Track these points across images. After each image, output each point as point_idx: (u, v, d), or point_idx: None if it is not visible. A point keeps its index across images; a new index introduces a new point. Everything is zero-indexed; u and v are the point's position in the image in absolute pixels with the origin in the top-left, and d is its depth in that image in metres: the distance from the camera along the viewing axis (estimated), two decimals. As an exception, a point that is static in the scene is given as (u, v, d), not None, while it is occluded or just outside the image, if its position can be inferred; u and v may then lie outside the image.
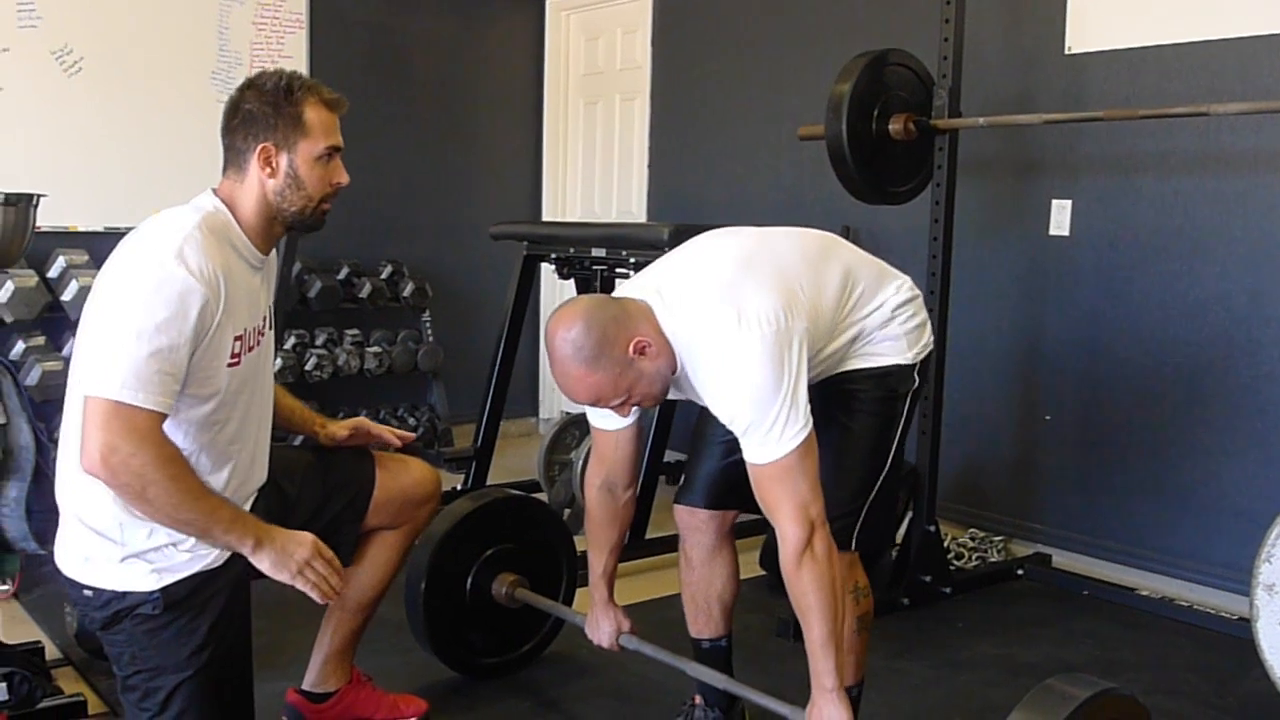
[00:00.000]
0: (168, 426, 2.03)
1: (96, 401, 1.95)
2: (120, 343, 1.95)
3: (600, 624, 2.66)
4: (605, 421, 2.43)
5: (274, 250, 2.34)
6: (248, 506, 2.30)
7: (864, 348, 2.38)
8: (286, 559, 2.11)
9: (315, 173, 2.19)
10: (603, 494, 2.52)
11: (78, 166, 4.75)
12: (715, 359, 2.12)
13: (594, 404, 2.19)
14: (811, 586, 2.12)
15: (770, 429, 2.08)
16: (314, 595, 2.15)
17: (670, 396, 2.32)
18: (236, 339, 2.13)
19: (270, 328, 2.34)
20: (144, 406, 1.95)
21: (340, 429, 2.62)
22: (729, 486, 2.53)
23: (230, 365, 2.12)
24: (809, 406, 2.12)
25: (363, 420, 2.66)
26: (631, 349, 2.11)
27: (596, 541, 2.59)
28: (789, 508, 2.11)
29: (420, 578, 2.90)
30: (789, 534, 2.12)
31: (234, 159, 2.18)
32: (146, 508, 2.00)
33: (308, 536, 2.15)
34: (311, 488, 2.48)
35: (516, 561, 3.04)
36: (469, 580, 2.98)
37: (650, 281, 2.27)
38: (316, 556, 2.14)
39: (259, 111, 2.15)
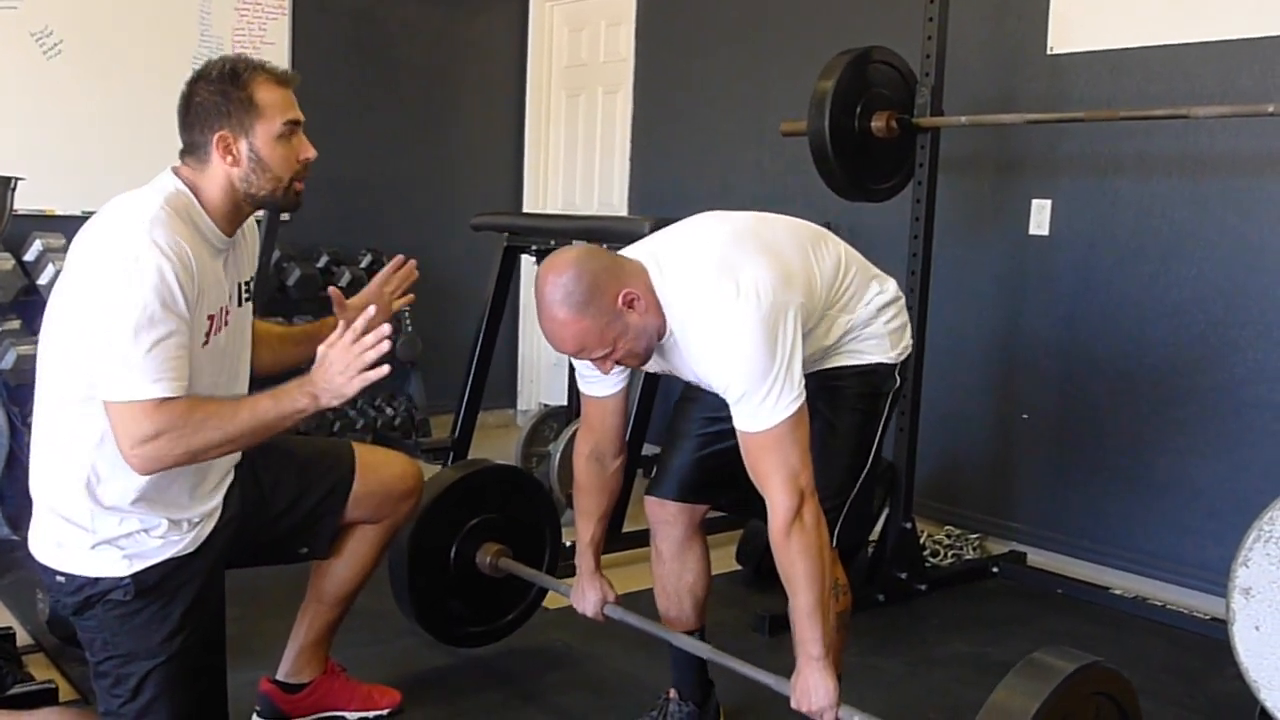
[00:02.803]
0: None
1: (119, 408, 1.96)
2: (123, 345, 1.94)
3: (586, 593, 2.66)
4: (594, 388, 2.43)
5: (243, 230, 2.28)
6: (225, 484, 2.29)
7: (850, 344, 2.39)
8: (333, 379, 2.07)
9: (278, 152, 2.15)
10: (591, 463, 2.52)
11: (56, 150, 4.71)
12: (711, 328, 2.12)
13: (578, 353, 2.17)
14: (800, 555, 2.12)
15: (765, 398, 2.09)
16: (377, 374, 2.08)
17: (652, 368, 2.32)
18: (210, 317, 2.11)
19: (241, 305, 2.30)
20: (165, 396, 1.96)
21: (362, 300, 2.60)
22: (701, 481, 2.53)
23: (202, 346, 2.10)
24: (803, 379, 2.13)
25: (373, 284, 2.65)
26: (621, 300, 2.11)
27: (584, 510, 2.59)
28: (780, 477, 2.11)
29: (404, 546, 2.88)
30: (779, 503, 2.12)
31: (194, 151, 2.15)
32: (208, 456, 2.05)
33: (325, 350, 2.10)
34: (289, 477, 2.46)
35: (501, 532, 3.03)
36: (453, 549, 2.96)
37: (646, 248, 2.27)
38: (348, 351, 2.08)
39: (209, 101, 2.11)
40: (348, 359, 2.07)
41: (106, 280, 1.98)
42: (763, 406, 2.10)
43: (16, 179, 3.53)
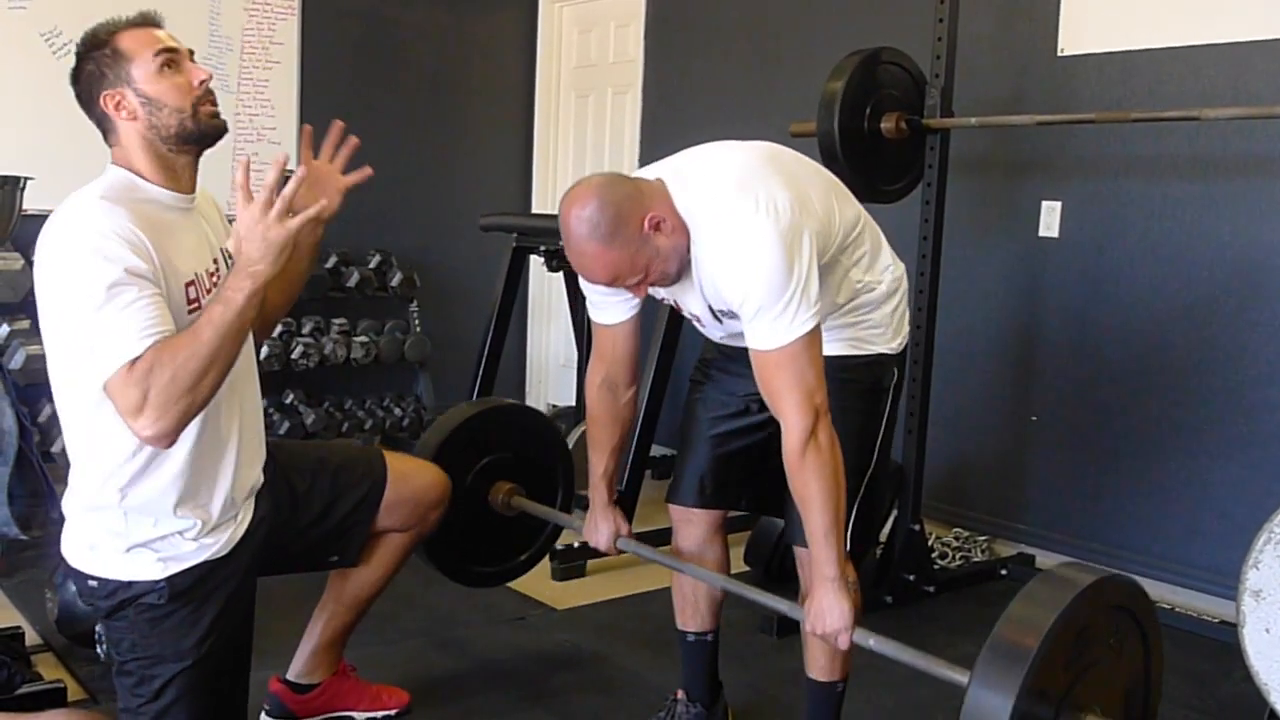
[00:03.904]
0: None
1: (109, 384, 1.90)
2: (86, 333, 1.90)
3: (599, 527, 2.65)
4: (604, 315, 2.43)
5: (202, 193, 2.23)
6: (256, 485, 2.27)
7: (858, 323, 2.39)
8: (254, 244, 1.95)
9: (164, 85, 2.07)
10: (603, 393, 2.51)
11: (65, 150, 4.68)
12: (730, 239, 2.11)
13: (612, 283, 2.16)
14: (814, 475, 2.11)
15: (782, 312, 2.08)
16: (315, 210, 2.03)
17: (660, 293, 2.31)
18: (189, 284, 2.06)
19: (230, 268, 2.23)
20: (132, 356, 1.88)
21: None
22: (718, 484, 2.53)
23: (191, 311, 2.04)
24: (819, 302, 2.12)
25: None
26: (647, 224, 2.10)
27: (597, 442, 2.57)
28: (795, 396, 2.10)
29: None
30: (793, 423, 2.11)
31: (103, 127, 2.12)
32: (205, 387, 1.92)
33: (242, 214, 1.98)
34: (321, 485, 2.45)
35: (513, 471, 3.00)
36: (465, 487, 2.93)
37: (667, 165, 2.27)
38: (253, 209, 1.97)
39: (86, 73, 2.09)
40: (254, 214, 1.96)
41: (64, 277, 1.94)
42: (779, 322, 2.08)
43: (26, 179, 3.54)
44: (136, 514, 2.06)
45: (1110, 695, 1.87)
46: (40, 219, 1.92)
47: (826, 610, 2.16)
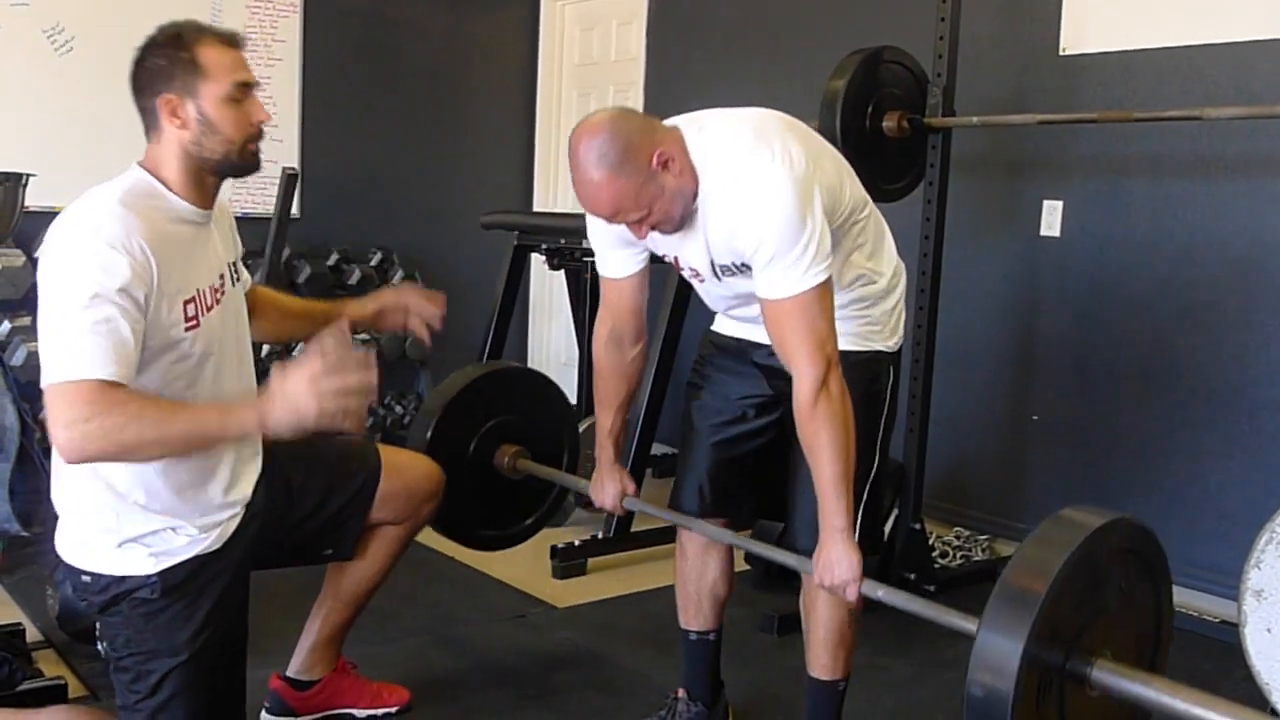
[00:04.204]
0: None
1: (50, 389, 1.86)
2: (58, 327, 1.87)
3: (605, 485, 2.63)
4: (611, 269, 2.44)
5: (220, 207, 2.24)
6: (251, 480, 2.28)
7: (858, 323, 2.37)
8: (297, 400, 1.88)
9: (227, 114, 2.07)
10: (610, 346, 2.51)
11: (67, 146, 4.71)
12: (747, 184, 2.11)
13: (613, 215, 2.14)
14: (825, 423, 2.11)
15: (797, 260, 2.08)
16: (352, 424, 1.91)
17: (665, 248, 2.31)
18: (188, 302, 2.04)
19: (234, 284, 2.25)
20: (91, 378, 1.84)
21: (368, 306, 2.57)
22: (719, 492, 2.51)
23: (189, 329, 2.04)
24: (831, 255, 2.13)
25: (399, 293, 2.57)
26: (656, 160, 2.09)
27: (603, 398, 2.56)
28: (807, 346, 2.10)
29: (422, 446, 2.84)
30: (805, 372, 2.11)
31: (147, 120, 2.10)
32: (140, 455, 1.90)
33: (295, 369, 1.90)
34: (317, 479, 2.45)
35: (518, 433, 3.00)
36: (470, 449, 2.92)
37: (686, 115, 2.26)
38: (323, 378, 1.88)
39: (154, 66, 2.07)
40: (306, 388, 1.88)
41: (57, 273, 1.92)
42: (793, 270, 2.08)
43: (28, 175, 3.54)
44: (128, 510, 2.06)
45: (1122, 640, 1.84)
46: (41, 215, 1.91)
47: (835, 561, 2.15)
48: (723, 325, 2.56)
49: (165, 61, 2.06)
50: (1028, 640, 1.65)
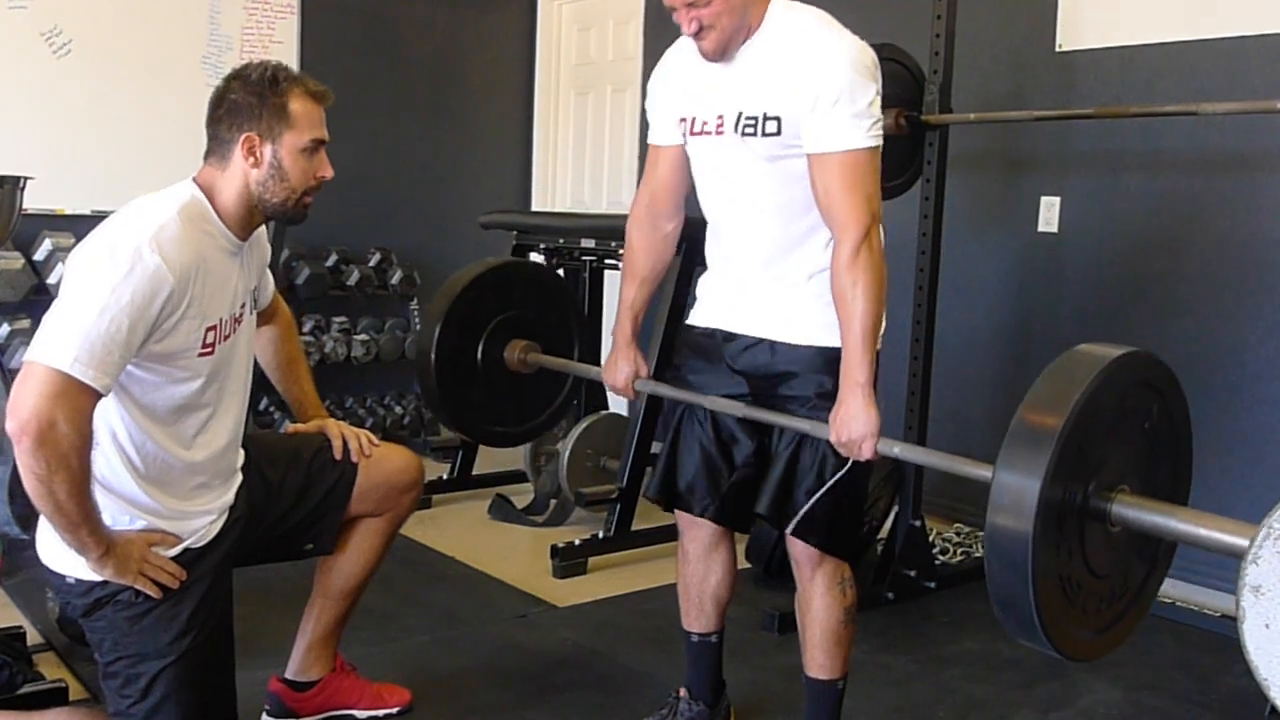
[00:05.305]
0: (139, 413, 2.05)
1: (45, 370, 1.87)
2: (81, 316, 1.90)
3: (619, 365, 2.62)
4: (661, 134, 2.45)
5: (258, 234, 2.32)
6: (234, 485, 2.31)
7: (817, 294, 2.30)
8: (126, 561, 2.05)
9: (299, 165, 2.18)
10: (644, 220, 2.52)
11: (66, 149, 4.72)
12: (824, 34, 2.19)
13: None
14: (864, 274, 2.15)
15: (861, 113, 2.14)
16: (152, 590, 2.08)
17: (692, 98, 2.31)
18: (210, 329, 2.11)
19: (252, 312, 2.34)
20: (92, 385, 1.89)
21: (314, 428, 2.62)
22: (720, 509, 2.48)
23: (203, 355, 2.11)
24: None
25: (329, 425, 2.59)
26: None
27: (631, 269, 2.55)
28: (855, 197, 2.15)
29: (431, 343, 2.82)
30: (851, 224, 2.15)
31: (218, 148, 2.17)
32: (42, 489, 1.91)
33: (137, 536, 2.09)
34: (294, 474, 2.47)
35: (528, 329, 2.98)
36: (480, 345, 2.90)
37: None
38: (149, 553, 2.09)
39: (244, 101, 2.14)
40: (140, 554, 2.07)
41: (102, 267, 1.94)
42: (855, 123, 2.14)
43: (26, 178, 3.53)
44: (109, 513, 2.08)
45: (1141, 474, 1.81)
46: (40, 218, 1.93)
47: (853, 417, 2.16)
48: (698, 316, 2.51)
49: (256, 99, 2.13)
50: (1044, 480, 1.61)
